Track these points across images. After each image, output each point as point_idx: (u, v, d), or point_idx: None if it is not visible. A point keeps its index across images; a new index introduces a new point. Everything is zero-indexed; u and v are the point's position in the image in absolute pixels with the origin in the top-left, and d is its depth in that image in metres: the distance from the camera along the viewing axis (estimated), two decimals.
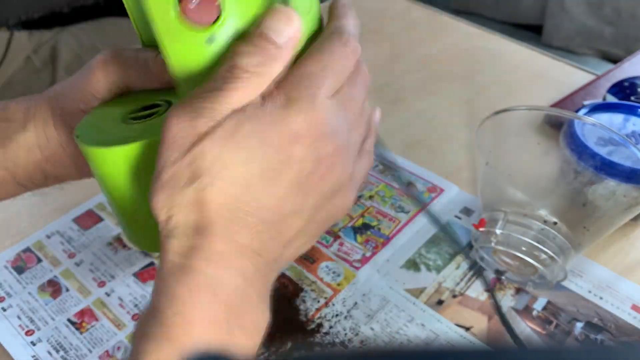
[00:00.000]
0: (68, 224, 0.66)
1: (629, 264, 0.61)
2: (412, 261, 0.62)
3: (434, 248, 0.63)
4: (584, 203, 0.57)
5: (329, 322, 0.56)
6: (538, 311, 0.56)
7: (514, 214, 0.57)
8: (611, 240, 0.63)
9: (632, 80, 0.76)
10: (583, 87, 0.81)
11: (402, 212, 0.67)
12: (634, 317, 0.56)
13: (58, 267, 0.61)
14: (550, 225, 0.56)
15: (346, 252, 0.62)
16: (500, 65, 0.92)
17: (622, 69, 0.84)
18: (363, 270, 0.60)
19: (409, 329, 0.55)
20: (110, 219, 0.66)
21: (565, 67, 0.91)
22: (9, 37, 1.11)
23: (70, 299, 0.58)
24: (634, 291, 0.58)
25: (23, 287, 0.59)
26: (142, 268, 0.61)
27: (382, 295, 0.58)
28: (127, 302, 0.58)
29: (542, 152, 0.61)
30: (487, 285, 0.58)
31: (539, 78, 0.88)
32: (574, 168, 0.58)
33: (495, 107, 0.83)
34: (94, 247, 0.63)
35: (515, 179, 0.59)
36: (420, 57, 0.94)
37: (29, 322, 0.56)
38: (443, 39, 0.99)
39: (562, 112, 0.59)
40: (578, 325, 0.55)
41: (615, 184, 0.56)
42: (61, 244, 0.64)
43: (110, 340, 0.55)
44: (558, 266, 0.55)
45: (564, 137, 0.60)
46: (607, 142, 0.58)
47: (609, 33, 1.86)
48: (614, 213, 0.56)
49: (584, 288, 0.58)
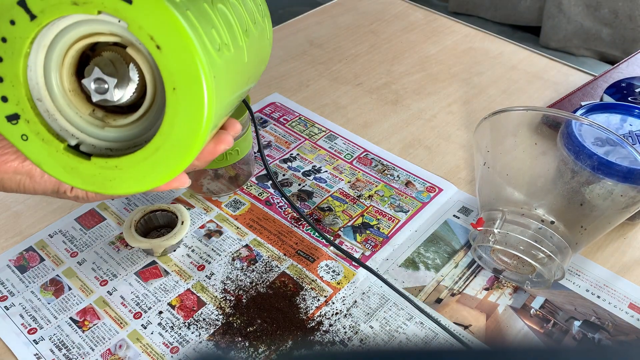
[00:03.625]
0: (70, 223, 0.66)
1: (626, 263, 0.61)
2: (411, 260, 0.62)
3: (433, 247, 0.63)
4: (581, 203, 0.57)
5: (329, 321, 0.56)
6: (536, 310, 0.57)
7: (512, 214, 0.58)
8: (608, 239, 0.64)
9: (629, 81, 0.77)
10: (580, 87, 0.82)
11: (401, 211, 0.67)
12: (632, 315, 0.56)
13: (60, 266, 0.62)
14: (548, 224, 0.57)
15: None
16: (498, 66, 0.92)
17: (619, 70, 0.85)
18: (362, 269, 0.61)
19: (408, 327, 0.56)
20: (112, 218, 0.67)
21: (563, 68, 0.91)
22: None
23: (72, 298, 0.59)
24: (631, 290, 0.58)
25: (26, 286, 0.60)
26: (144, 267, 0.61)
27: (381, 293, 0.59)
28: (129, 300, 0.58)
29: (539, 152, 0.61)
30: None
31: (537, 79, 0.89)
32: (572, 168, 0.59)
33: (493, 108, 0.84)
34: (96, 246, 0.64)
35: (513, 178, 0.60)
36: (419, 58, 0.95)
37: (31, 320, 0.57)
38: (441, 40, 0.99)
39: (559, 112, 0.59)
40: (576, 323, 0.56)
41: (612, 184, 0.56)
42: (64, 243, 0.64)
43: (112, 338, 0.55)
44: (556, 265, 0.56)
45: (562, 138, 0.61)
46: (605, 142, 0.59)
47: (607, 34, 1.87)
48: (611, 212, 0.57)
49: (582, 287, 0.59)
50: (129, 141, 0.38)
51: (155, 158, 0.35)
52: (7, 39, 0.32)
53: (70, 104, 0.37)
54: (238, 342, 0.54)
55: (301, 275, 0.60)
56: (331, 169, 0.73)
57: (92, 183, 0.36)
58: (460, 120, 0.81)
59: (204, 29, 0.34)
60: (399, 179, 0.72)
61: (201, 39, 0.33)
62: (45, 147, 0.36)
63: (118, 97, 0.35)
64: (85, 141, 0.38)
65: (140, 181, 0.36)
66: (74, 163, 0.36)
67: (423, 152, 0.76)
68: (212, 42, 0.34)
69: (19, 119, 0.35)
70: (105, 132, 0.38)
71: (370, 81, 0.89)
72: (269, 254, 0.62)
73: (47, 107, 0.36)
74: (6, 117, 0.34)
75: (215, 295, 0.59)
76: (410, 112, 0.83)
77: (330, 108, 0.84)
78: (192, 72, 0.33)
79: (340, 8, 1.09)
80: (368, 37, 1.00)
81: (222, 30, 0.36)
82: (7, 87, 0.34)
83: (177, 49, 0.32)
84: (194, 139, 0.34)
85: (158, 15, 0.31)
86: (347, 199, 0.69)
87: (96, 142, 0.38)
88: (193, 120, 0.34)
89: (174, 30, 0.31)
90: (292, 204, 0.59)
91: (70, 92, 0.37)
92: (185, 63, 0.32)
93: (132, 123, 0.38)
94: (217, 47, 0.35)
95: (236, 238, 0.64)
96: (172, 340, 0.55)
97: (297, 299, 0.58)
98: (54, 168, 0.36)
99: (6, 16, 0.32)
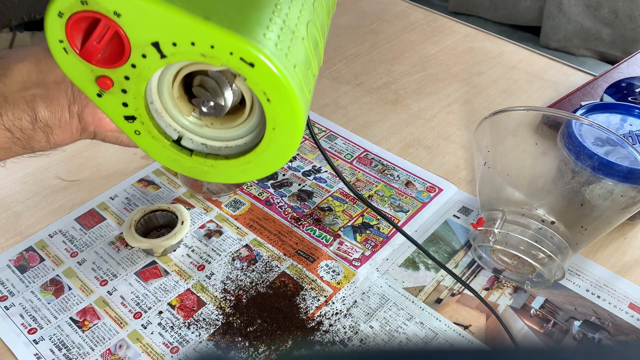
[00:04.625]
0: (70, 223, 0.66)
1: (626, 263, 0.61)
2: (411, 260, 0.62)
3: (433, 247, 0.63)
4: (581, 203, 0.57)
5: (329, 321, 0.56)
6: (536, 310, 0.57)
7: (512, 214, 0.58)
8: (609, 239, 0.64)
9: (630, 81, 0.77)
10: (580, 87, 0.82)
11: (401, 211, 0.67)
12: (632, 315, 0.56)
13: (60, 266, 0.62)
14: (548, 224, 0.57)
15: (346, 251, 0.63)
16: (498, 66, 0.92)
17: (620, 70, 0.85)
18: (362, 269, 0.61)
19: (407, 327, 0.56)
20: (112, 218, 0.67)
21: (563, 68, 0.91)
22: (11, 38, 1.12)
23: (72, 298, 0.59)
24: (631, 290, 0.58)
25: (26, 286, 0.60)
26: (144, 267, 0.61)
27: (381, 293, 0.59)
28: (129, 300, 0.58)
29: (540, 152, 0.61)
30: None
31: (537, 79, 0.89)
32: (572, 168, 0.59)
33: (494, 108, 0.84)
34: (96, 246, 0.64)
35: (513, 178, 0.60)
36: (419, 58, 0.95)
37: (31, 320, 0.57)
38: (442, 40, 0.99)
39: (559, 112, 0.59)
40: (576, 323, 0.56)
41: (612, 184, 0.56)
42: (63, 243, 0.64)
43: (112, 338, 0.55)
44: (556, 265, 0.56)
45: (562, 138, 0.61)
46: (605, 142, 0.59)
47: (607, 34, 1.87)
48: (611, 212, 0.57)
49: (582, 287, 0.59)
50: (222, 140, 0.44)
51: (245, 167, 0.42)
52: (136, 66, 0.37)
53: (176, 106, 0.42)
54: (238, 342, 0.54)
55: (301, 275, 0.60)
56: (331, 169, 0.73)
57: (190, 172, 0.44)
58: (461, 120, 0.81)
59: (305, 80, 0.38)
60: (399, 179, 0.72)
61: (303, 93, 0.38)
62: (154, 142, 0.42)
63: (219, 112, 0.41)
64: (184, 135, 0.43)
65: (229, 178, 0.44)
66: (177, 157, 0.43)
67: (423, 152, 0.76)
68: (308, 85, 0.39)
69: (135, 120, 0.41)
70: (203, 130, 0.43)
71: (370, 81, 0.89)
72: (269, 254, 0.62)
73: (156, 107, 0.42)
74: (125, 117, 0.40)
75: (215, 295, 0.58)
76: (411, 112, 0.83)
77: (330, 108, 0.84)
78: (293, 120, 0.38)
79: (340, 8, 1.09)
80: (368, 37, 1.00)
81: (314, 64, 0.41)
82: (129, 98, 0.39)
83: (284, 105, 0.37)
84: (281, 162, 0.41)
85: (274, 80, 0.36)
86: (347, 199, 0.69)
87: (194, 137, 0.44)
88: (284, 151, 0.40)
89: (284, 93, 0.36)
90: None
91: (178, 98, 0.42)
92: (288, 114, 0.38)
93: (227, 127, 0.43)
94: (310, 87, 0.40)
95: (236, 238, 0.64)
96: (172, 340, 0.55)
97: (297, 299, 0.58)
98: (161, 158, 0.43)
99: (139, 50, 0.36)
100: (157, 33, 0.35)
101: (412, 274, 0.61)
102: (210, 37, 0.34)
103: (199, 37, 0.35)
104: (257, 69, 0.35)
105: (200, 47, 0.35)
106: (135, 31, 0.35)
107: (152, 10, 0.34)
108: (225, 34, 0.34)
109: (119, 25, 0.35)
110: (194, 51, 0.35)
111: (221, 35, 0.34)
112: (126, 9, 0.34)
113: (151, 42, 0.36)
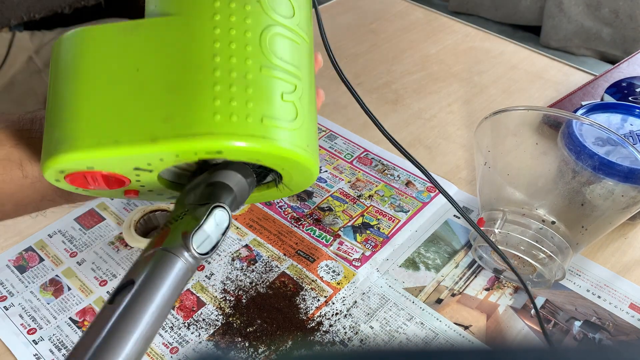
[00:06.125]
0: (70, 223, 0.66)
1: (627, 263, 0.61)
2: (411, 260, 0.62)
3: (433, 247, 0.63)
4: (582, 203, 0.57)
5: (329, 321, 0.56)
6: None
7: (512, 214, 0.58)
8: (609, 239, 0.63)
9: (630, 81, 0.77)
10: (581, 87, 0.82)
11: (401, 211, 0.67)
12: (632, 315, 0.56)
13: (60, 266, 0.62)
14: (549, 224, 0.57)
15: (346, 251, 0.63)
16: (498, 65, 0.92)
17: (620, 70, 0.85)
18: (362, 269, 0.61)
19: (408, 327, 0.56)
20: (111, 218, 0.67)
21: (564, 68, 0.91)
22: (10, 38, 1.12)
23: (72, 298, 0.59)
24: (632, 290, 0.58)
25: (25, 286, 0.60)
26: None
27: (382, 294, 0.59)
28: None
29: (540, 152, 0.61)
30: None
31: (538, 78, 0.89)
32: (572, 168, 0.58)
33: (494, 108, 0.84)
34: (96, 246, 0.63)
35: (513, 178, 0.60)
36: (419, 58, 0.94)
37: (31, 321, 0.57)
38: (442, 39, 0.99)
39: (560, 112, 0.59)
40: (576, 324, 0.56)
41: (613, 184, 0.56)
42: (63, 243, 0.64)
43: None
44: (556, 265, 0.56)
45: (562, 137, 0.60)
46: (605, 142, 0.59)
47: (607, 34, 1.87)
48: (612, 212, 0.57)
49: (582, 287, 0.59)
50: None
51: (263, 194, 0.46)
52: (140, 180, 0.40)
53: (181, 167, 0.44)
54: (238, 342, 0.54)
55: (301, 275, 0.60)
56: (331, 168, 0.73)
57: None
58: (461, 120, 0.81)
59: (283, 111, 0.37)
60: (399, 178, 0.71)
61: (288, 134, 0.37)
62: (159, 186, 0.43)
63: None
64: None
65: (253, 200, 0.46)
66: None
67: (423, 152, 0.76)
68: (291, 114, 0.38)
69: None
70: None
71: (370, 81, 0.89)
72: (269, 254, 0.62)
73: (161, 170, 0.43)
74: (134, 168, 0.40)
75: (215, 296, 0.58)
76: (411, 112, 0.83)
77: (330, 108, 0.84)
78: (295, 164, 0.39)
79: (340, 7, 1.09)
80: (368, 37, 1.00)
81: (294, 79, 0.39)
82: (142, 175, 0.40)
83: (276, 157, 0.37)
84: (298, 190, 0.45)
85: (248, 150, 0.35)
86: (347, 198, 0.69)
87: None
88: (306, 179, 0.43)
89: (266, 152, 0.36)
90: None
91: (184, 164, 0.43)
92: (285, 162, 0.38)
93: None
94: (296, 113, 0.39)
95: (236, 238, 0.64)
96: (171, 341, 0.55)
97: (297, 299, 0.58)
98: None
99: (130, 174, 0.39)
100: (129, 163, 0.37)
101: (412, 274, 0.60)
102: (167, 151, 0.35)
103: (159, 155, 0.35)
104: (226, 152, 0.35)
105: (169, 159, 0.36)
106: (114, 168, 0.38)
107: (109, 155, 0.35)
108: (177, 144, 0.34)
109: (100, 171, 0.37)
110: (169, 161, 0.36)
111: (174, 146, 0.34)
112: (92, 162, 0.36)
113: (133, 168, 0.38)
